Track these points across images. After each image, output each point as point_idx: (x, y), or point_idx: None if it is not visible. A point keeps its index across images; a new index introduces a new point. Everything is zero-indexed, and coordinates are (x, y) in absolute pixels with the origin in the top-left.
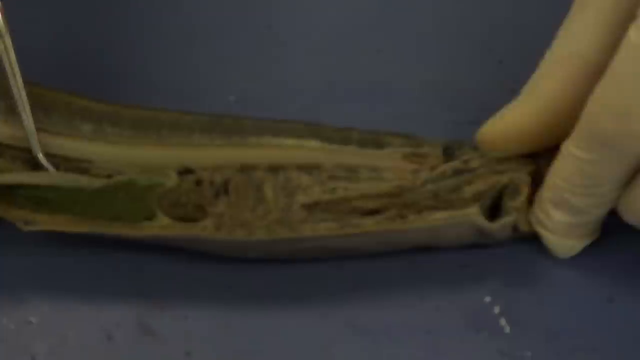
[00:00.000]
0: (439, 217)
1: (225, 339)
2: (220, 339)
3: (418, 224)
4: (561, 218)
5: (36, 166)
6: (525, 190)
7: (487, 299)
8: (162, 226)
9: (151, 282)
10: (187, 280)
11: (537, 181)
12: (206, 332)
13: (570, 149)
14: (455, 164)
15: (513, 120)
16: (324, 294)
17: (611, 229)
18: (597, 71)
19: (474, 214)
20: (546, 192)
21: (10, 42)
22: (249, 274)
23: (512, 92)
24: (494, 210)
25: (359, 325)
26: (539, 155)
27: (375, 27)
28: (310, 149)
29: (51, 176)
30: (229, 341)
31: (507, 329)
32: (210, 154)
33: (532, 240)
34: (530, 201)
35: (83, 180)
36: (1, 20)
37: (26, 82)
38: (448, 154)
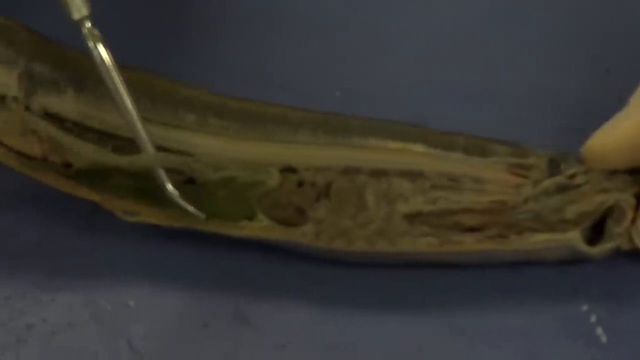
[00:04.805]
0: (539, 239)
1: (321, 334)
2: (316, 333)
3: (518, 245)
4: None
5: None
6: (630, 214)
7: (585, 307)
8: (262, 227)
9: (251, 274)
10: (286, 274)
11: None
12: (302, 326)
13: None
14: (559, 179)
15: (624, 133)
16: (421, 294)
17: None
18: None
19: (575, 239)
20: None
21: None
22: (348, 271)
23: (618, 101)
24: (594, 228)
25: (456, 326)
26: None
27: (484, 31)
28: (415, 154)
29: (163, 160)
30: (325, 336)
31: (603, 339)
32: (314, 153)
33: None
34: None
35: (195, 166)
36: (84, 7)
37: (134, 69)
38: (553, 166)
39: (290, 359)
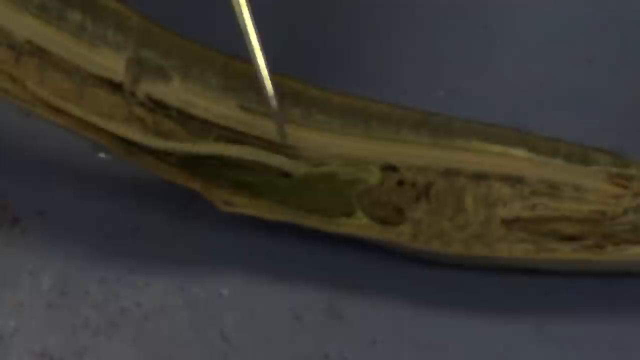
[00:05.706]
0: (636, 251)
1: (412, 332)
2: (407, 331)
3: (614, 256)
4: None
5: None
6: None
7: None
8: (359, 225)
9: (345, 269)
10: (380, 271)
11: None
12: (393, 323)
13: None
14: None
15: None
16: (513, 297)
17: None
18: None
19: None
20: None
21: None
22: (442, 272)
23: None
24: None
25: (546, 332)
26: None
27: (590, 36)
28: (516, 159)
29: (258, 154)
30: (415, 334)
31: None
32: (416, 152)
33: None
34: None
35: (288, 164)
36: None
37: (239, 59)
38: None
39: (380, 355)
